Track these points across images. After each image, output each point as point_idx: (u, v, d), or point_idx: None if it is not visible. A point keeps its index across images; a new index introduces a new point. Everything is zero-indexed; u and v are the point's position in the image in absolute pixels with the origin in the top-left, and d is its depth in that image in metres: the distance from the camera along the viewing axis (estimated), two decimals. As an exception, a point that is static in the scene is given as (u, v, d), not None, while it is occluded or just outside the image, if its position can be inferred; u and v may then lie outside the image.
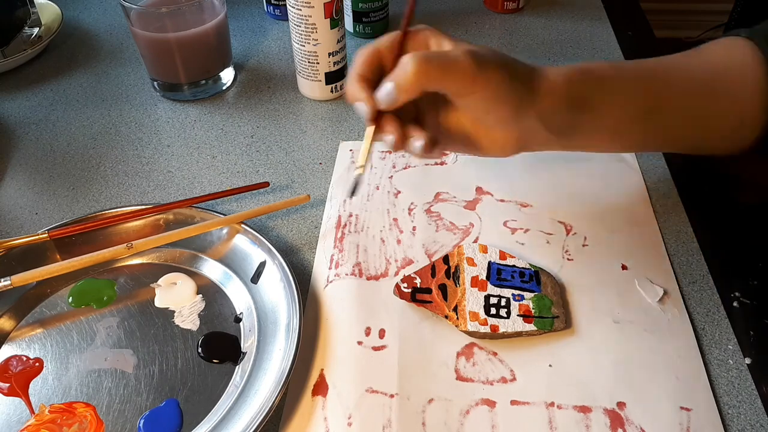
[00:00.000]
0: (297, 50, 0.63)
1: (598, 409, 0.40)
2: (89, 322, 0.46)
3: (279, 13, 0.79)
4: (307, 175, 0.58)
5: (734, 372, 0.42)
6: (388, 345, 0.44)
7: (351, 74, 0.41)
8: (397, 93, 0.38)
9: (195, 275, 0.49)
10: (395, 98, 0.39)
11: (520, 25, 0.77)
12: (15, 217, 0.55)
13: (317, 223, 0.53)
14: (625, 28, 0.76)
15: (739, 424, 0.40)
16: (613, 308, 0.45)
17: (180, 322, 0.46)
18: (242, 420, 0.39)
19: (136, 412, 0.41)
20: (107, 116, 0.66)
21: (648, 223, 0.51)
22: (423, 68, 0.37)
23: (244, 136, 0.62)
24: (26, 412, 0.41)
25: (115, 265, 0.50)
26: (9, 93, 0.69)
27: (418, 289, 0.46)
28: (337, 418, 0.40)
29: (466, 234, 0.51)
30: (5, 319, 0.46)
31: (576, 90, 0.42)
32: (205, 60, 0.66)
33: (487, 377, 0.42)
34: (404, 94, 0.38)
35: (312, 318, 0.46)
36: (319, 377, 0.42)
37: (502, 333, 0.43)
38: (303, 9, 0.59)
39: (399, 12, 0.79)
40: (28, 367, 0.44)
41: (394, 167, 0.57)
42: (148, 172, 0.59)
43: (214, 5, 0.64)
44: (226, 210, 0.53)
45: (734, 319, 0.45)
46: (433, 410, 0.40)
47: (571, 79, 0.42)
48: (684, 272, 0.48)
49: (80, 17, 0.81)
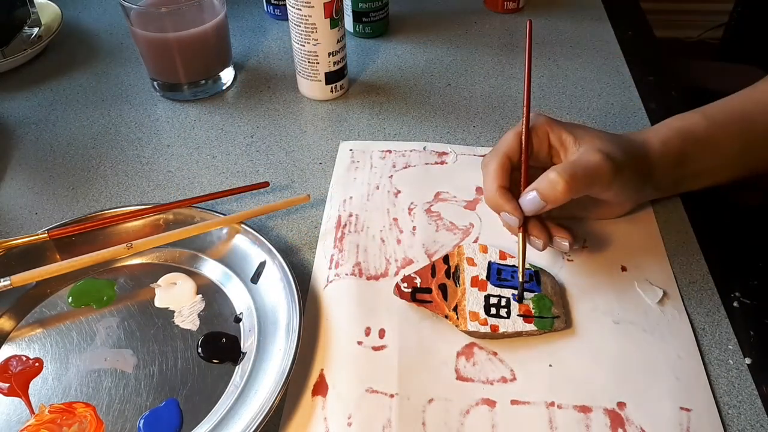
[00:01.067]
0: (297, 50, 0.63)
1: (598, 409, 0.40)
2: (89, 322, 0.46)
3: (279, 13, 0.79)
4: (307, 175, 0.58)
5: (734, 372, 0.42)
6: (388, 345, 0.44)
7: (490, 186, 0.45)
8: (545, 204, 0.42)
9: (195, 275, 0.49)
10: (542, 208, 0.43)
11: (520, 25, 0.77)
12: (15, 217, 0.55)
13: (317, 223, 0.53)
14: (625, 28, 0.76)
15: (739, 425, 0.40)
16: (613, 309, 0.45)
17: (180, 322, 0.46)
18: (242, 420, 0.39)
19: (136, 412, 0.41)
20: (107, 116, 0.66)
21: (648, 223, 0.51)
22: (572, 185, 0.41)
23: (244, 136, 0.62)
24: (26, 412, 0.41)
25: (115, 265, 0.50)
26: (9, 93, 0.69)
27: (418, 289, 0.45)
28: (337, 418, 0.40)
29: (466, 234, 0.51)
30: (5, 319, 0.46)
31: (674, 152, 0.47)
32: (205, 60, 0.66)
33: (487, 377, 0.42)
34: (552, 205, 0.42)
35: (312, 318, 0.46)
36: (319, 377, 0.42)
37: (502, 333, 0.43)
38: (303, 9, 0.59)
39: (399, 12, 0.79)
40: (27, 367, 0.43)
41: (394, 167, 0.57)
42: (148, 172, 0.59)
43: (214, 5, 0.64)
44: (226, 210, 0.53)
45: (734, 319, 0.45)
46: (433, 410, 0.40)
47: (669, 143, 0.47)
48: (684, 272, 0.48)
49: (80, 17, 0.81)
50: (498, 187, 0.44)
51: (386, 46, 0.74)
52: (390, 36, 0.76)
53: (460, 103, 0.65)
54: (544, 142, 0.46)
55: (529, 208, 0.43)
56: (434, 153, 0.59)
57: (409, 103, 0.66)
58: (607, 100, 0.65)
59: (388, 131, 0.62)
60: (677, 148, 0.47)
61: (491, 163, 0.46)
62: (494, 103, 0.65)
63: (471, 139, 0.61)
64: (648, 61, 0.71)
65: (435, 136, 0.61)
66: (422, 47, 0.74)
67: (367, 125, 0.63)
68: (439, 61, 0.71)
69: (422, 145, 0.59)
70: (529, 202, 0.43)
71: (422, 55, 0.73)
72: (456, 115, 0.64)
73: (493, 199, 0.45)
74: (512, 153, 0.46)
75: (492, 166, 0.45)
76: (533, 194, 0.42)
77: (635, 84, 0.67)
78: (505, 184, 0.45)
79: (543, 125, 0.46)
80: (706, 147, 0.47)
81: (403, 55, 0.73)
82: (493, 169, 0.45)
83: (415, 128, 0.62)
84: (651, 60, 0.72)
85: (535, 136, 0.46)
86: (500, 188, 0.44)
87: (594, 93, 0.66)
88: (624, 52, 0.72)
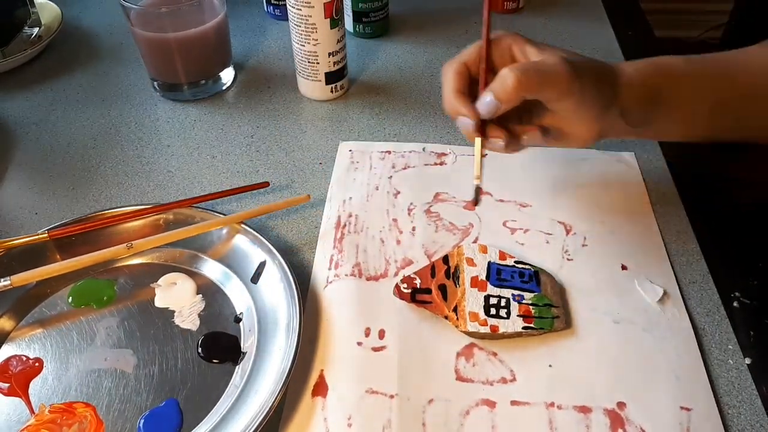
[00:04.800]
0: (297, 50, 0.63)
1: (598, 409, 0.40)
2: (89, 322, 0.46)
3: (279, 13, 0.79)
4: (307, 175, 0.58)
5: (734, 372, 0.42)
6: (387, 345, 0.44)
7: (447, 90, 0.44)
8: (498, 104, 0.41)
9: (195, 275, 0.49)
10: (497, 109, 0.41)
11: (520, 25, 0.77)
12: (15, 217, 0.55)
13: (317, 223, 0.53)
14: (625, 28, 0.76)
15: (739, 424, 0.40)
16: (613, 308, 0.45)
17: (180, 322, 0.46)
18: (242, 420, 0.39)
19: (136, 412, 0.41)
20: (107, 116, 0.66)
21: (648, 223, 0.51)
22: (523, 80, 0.40)
23: (244, 136, 0.62)
24: (26, 412, 0.41)
25: (115, 265, 0.50)
26: (9, 93, 0.69)
27: (417, 290, 0.45)
28: (337, 418, 0.40)
29: (466, 234, 0.51)
30: (5, 319, 0.46)
31: (648, 82, 0.45)
32: (205, 60, 0.66)
33: (487, 377, 0.42)
34: (505, 104, 0.41)
35: (312, 318, 0.46)
36: (318, 378, 0.42)
37: (502, 333, 0.43)
38: (303, 9, 0.59)
39: (399, 12, 0.79)
40: (28, 367, 0.44)
41: (393, 167, 0.57)
42: (148, 172, 0.59)
43: (214, 5, 0.64)
44: (226, 210, 0.53)
45: (734, 319, 0.45)
46: (433, 411, 0.40)
47: (643, 72, 0.46)
48: (684, 272, 0.48)
49: (80, 17, 0.81)
50: (454, 90, 0.44)
51: (386, 46, 0.74)
52: (390, 36, 0.76)
53: (460, 103, 0.65)
54: (506, 53, 0.45)
55: (485, 110, 0.42)
56: (434, 154, 0.59)
57: (409, 103, 0.66)
58: (607, 100, 0.65)
59: (387, 131, 0.62)
60: (650, 79, 0.46)
61: (448, 70, 0.45)
62: (494, 103, 0.65)
63: (471, 140, 0.61)
64: (648, 61, 0.71)
65: (435, 137, 0.61)
66: (422, 47, 0.74)
67: (367, 125, 0.63)
68: (439, 61, 0.71)
69: (422, 146, 0.59)
70: (486, 105, 0.42)
71: (422, 55, 0.73)
72: (456, 115, 0.64)
73: (450, 103, 0.44)
74: (471, 61, 0.45)
75: (449, 73, 0.45)
76: (489, 96, 0.41)
77: (635, 84, 0.67)
78: (461, 89, 0.44)
79: (507, 37, 0.45)
80: (681, 89, 0.47)
81: (403, 55, 0.73)
82: (450, 75, 0.44)
83: (415, 128, 0.62)
84: (651, 60, 0.72)
85: (496, 47, 0.45)
86: (456, 91, 0.44)
87: (594, 93, 0.66)
88: (624, 52, 0.72)
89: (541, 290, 0.45)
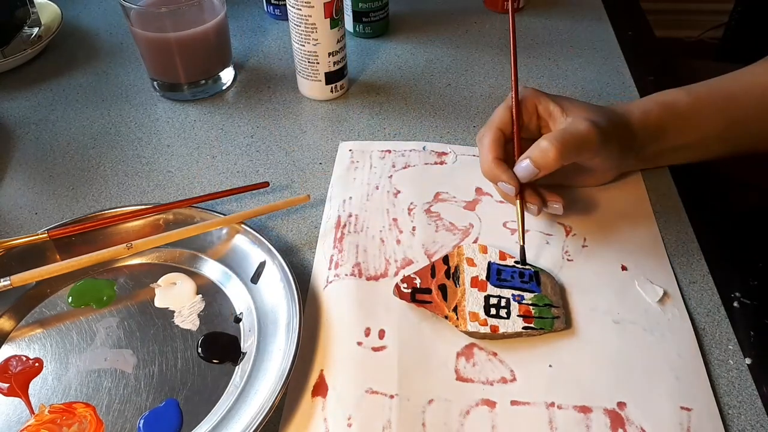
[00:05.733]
0: (297, 50, 0.63)
1: (599, 409, 0.40)
2: (89, 322, 0.46)
3: (279, 13, 0.79)
4: (307, 175, 0.58)
5: (734, 372, 0.42)
6: (387, 345, 0.44)
7: (486, 159, 0.47)
8: (537, 171, 0.45)
9: (195, 275, 0.49)
10: (535, 175, 0.45)
11: (520, 25, 0.77)
12: (15, 217, 0.55)
13: (317, 223, 0.53)
14: (625, 28, 0.76)
15: (739, 425, 0.39)
16: (613, 308, 0.45)
17: (180, 322, 0.46)
18: (242, 420, 0.39)
19: (136, 412, 0.41)
20: (107, 116, 0.66)
21: (648, 223, 0.51)
22: (563, 152, 0.44)
23: (244, 136, 0.62)
24: (26, 412, 0.41)
25: (115, 265, 0.50)
26: (9, 93, 0.69)
27: (417, 290, 0.45)
28: (337, 418, 0.40)
29: (466, 234, 0.51)
30: (5, 319, 0.46)
31: (655, 123, 0.49)
32: (205, 60, 0.66)
33: (487, 377, 0.42)
34: (545, 171, 0.45)
35: (312, 318, 0.46)
36: (318, 378, 0.42)
37: (502, 333, 0.43)
38: (303, 9, 0.59)
39: (399, 12, 0.79)
40: (27, 367, 0.43)
41: (393, 167, 0.57)
42: (148, 172, 0.59)
43: (214, 5, 0.64)
44: (226, 210, 0.53)
45: (734, 319, 0.45)
46: (433, 411, 0.40)
47: (649, 114, 0.49)
48: (684, 272, 0.48)
49: (80, 17, 0.81)
50: (493, 159, 0.47)
51: (386, 46, 0.74)
52: (390, 36, 0.76)
53: (460, 103, 0.65)
54: (533, 114, 0.49)
55: (523, 176, 0.45)
56: (434, 153, 0.59)
57: (409, 103, 0.66)
58: (607, 100, 0.65)
59: (387, 131, 0.62)
60: (657, 120, 0.49)
61: (485, 137, 0.48)
62: (494, 103, 0.65)
63: (471, 140, 0.61)
64: (648, 61, 0.71)
65: (435, 136, 0.61)
66: (422, 47, 0.74)
67: (367, 125, 0.63)
68: (439, 61, 0.71)
69: (422, 145, 0.59)
70: (523, 170, 0.45)
71: (422, 55, 0.73)
72: (456, 115, 0.64)
73: (490, 170, 0.47)
74: (504, 126, 0.48)
75: (486, 140, 0.48)
76: (527, 162, 0.45)
77: (635, 84, 0.67)
78: (499, 156, 0.47)
79: (531, 98, 0.49)
80: (687, 122, 0.49)
81: (403, 55, 0.73)
82: (487, 142, 0.48)
83: (415, 128, 0.62)
84: (651, 60, 0.72)
85: (524, 109, 0.49)
86: (495, 159, 0.47)
87: (594, 93, 0.66)
88: (624, 52, 0.72)
89: (542, 290, 0.45)
